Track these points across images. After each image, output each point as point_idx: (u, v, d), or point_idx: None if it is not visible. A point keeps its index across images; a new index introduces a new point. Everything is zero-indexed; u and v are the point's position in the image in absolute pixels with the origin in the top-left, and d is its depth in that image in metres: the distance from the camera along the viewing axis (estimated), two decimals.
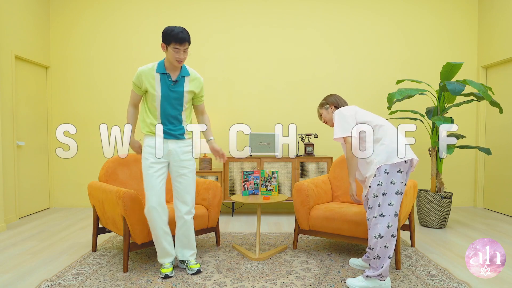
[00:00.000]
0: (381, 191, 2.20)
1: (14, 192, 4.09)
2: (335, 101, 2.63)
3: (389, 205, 2.20)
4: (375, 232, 2.22)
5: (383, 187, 2.20)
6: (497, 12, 4.54)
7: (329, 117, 2.61)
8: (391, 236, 2.21)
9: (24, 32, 4.29)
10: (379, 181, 2.21)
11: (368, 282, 2.23)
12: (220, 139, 4.82)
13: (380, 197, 2.21)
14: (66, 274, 2.51)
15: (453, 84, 3.49)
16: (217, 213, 3.05)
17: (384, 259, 2.21)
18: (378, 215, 2.21)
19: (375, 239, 2.21)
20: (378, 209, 2.21)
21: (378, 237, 2.20)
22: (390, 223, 2.20)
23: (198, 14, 4.80)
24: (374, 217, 2.23)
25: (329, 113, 2.62)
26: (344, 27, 4.83)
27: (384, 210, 2.21)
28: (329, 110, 2.62)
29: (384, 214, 2.20)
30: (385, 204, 2.20)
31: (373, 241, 2.23)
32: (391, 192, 2.20)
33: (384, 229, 2.20)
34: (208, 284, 2.34)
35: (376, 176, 2.23)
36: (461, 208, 4.87)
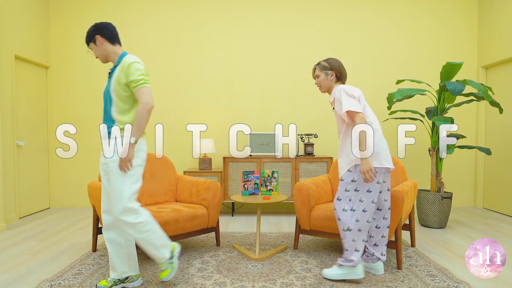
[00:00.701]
0: (354, 187, 2.30)
1: (14, 192, 4.09)
2: (339, 69, 2.42)
3: (360, 201, 2.31)
4: (344, 226, 2.33)
5: (356, 184, 2.29)
6: (497, 12, 4.54)
7: (326, 84, 2.43)
8: (357, 231, 2.31)
9: (24, 32, 4.29)
10: (353, 177, 2.30)
11: (342, 269, 2.37)
12: (220, 139, 4.83)
13: (352, 193, 2.31)
14: (66, 274, 2.51)
15: (453, 84, 3.49)
16: (217, 213, 3.05)
17: (351, 251, 2.33)
18: (349, 209, 2.32)
19: (344, 231, 2.33)
20: (349, 203, 2.32)
21: (347, 229, 2.31)
22: (359, 217, 2.31)
23: (198, 14, 4.80)
24: (344, 210, 2.32)
25: (328, 79, 2.42)
26: (344, 27, 4.83)
27: (355, 206, 2.31)
28: (329, 77, 2.42)
29: (354, 209, 2.31)
30: (356, 200, 2.31)
31: (343, 234, 2.35)
32: (363, 190, 2.29)
33: (353, 223, 2.31)
34: (208, 284, 2.34)
35: (352, 172, 2.31)
36: (461, 208, 4.87)
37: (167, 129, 4.82)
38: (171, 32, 4.80)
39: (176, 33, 4.80)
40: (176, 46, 4.81)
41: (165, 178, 3.32)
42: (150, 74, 4.81)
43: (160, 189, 3.26)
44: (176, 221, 2.75)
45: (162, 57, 4.80)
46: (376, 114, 4.85)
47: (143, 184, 3.17)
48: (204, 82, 4.82)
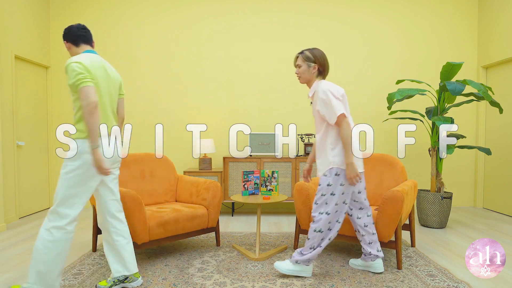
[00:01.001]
0: (330, 191, 2.31)
1: (14, 192, 4.09)
2: (323, 62, 2.32)
3: (335, 205, 2.33)
4: (317, 227, 2.35)
5: (332, 187, 2.31)
6: (497, 12, 4.54)
7: (307, 76, 2.34)
8: (328, 230, 2.38)
9: (24, 32, 4.29)
10: (329, 181, 2.31)
11: (296, 266, 2.42)
12: (220, 139, 4.83)
13: (328, 196, 2.32)
14: (66, 274, 2.51)
15: (453, 84, 3.49)
16: (217, 213, 3.05)
17: (317, 250, 2.39)
18: (324, 213, 2.34)
19: (315, 232, 2.36)
20: (325, 207, 2.33)
21: (318, 231, 2.35)
22: (331, 219, 2.37)
23: (198, 14, 4.80)
24: (320, 213, 2.34)
25: (310, 72, 2.33)
26: (344, 27, 4.83)
27: (330, 209, 2.33)
28: (311, 69, 2.32)
29: (329, 213, 2.34)
30: (331, 203, 2.33)
31: (312, 234, 2.37)
32: (339, 193, 2.31)
33: (325, 225, 2.35)
34: (208, 284, 2.34)
35: (327, 176, 2.32)
36: (461, 208, 4.87)
37: (167, 129, 4.82)
38: (171, 32, 4.80)
39: (176, 33, 4.80)
40: (176, 46, 4.81)
41: (165, 178, 3.32)
42: (150, 73, 4.81)
43: (160, 189, 3.26)
44: (176, 221, 2.75)
45: (162, 57, 4.80)
46: (376, 114, 4.85)
47: (143, 184, 3.17)
48: (204, 82, 4.82)
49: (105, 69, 2.13)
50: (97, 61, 2.09)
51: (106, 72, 2.13)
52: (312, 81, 2.38)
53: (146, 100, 4.81)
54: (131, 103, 4.81)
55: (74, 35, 2.16)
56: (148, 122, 4.82)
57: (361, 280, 2.42)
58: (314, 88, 2.35)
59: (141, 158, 3.27)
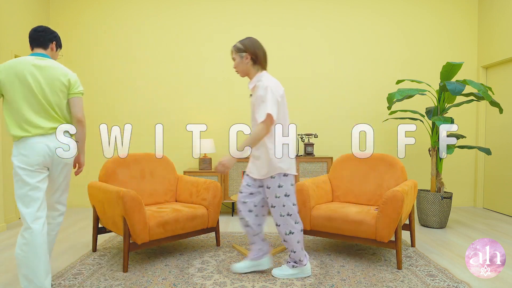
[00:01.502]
0: (283, 192, 2.32)
1: (14, 192, 4.09)
2: (253, 50, 2.22)
3: (293, 205, 2.36)
4: (286, 230, 2.37)
5: (284, 188, 2.32)
6: (497, 12, 4.54)
7: (242, 67, 2.26)
8: (300, 231, 2.39)
9: (24, 32, 4.29)
10: (279, 183, 2.31)
11: (294, 270, 2.44)
12: (220, 139, 4.82)
13: (284, 198, 2.33)
14: (66, 274, 2.51)
15: (453, 84, 3.49)
16: (217, 213, 3.05)
17: (300, 252, 2.40)
18: (286, 215, 2.35)
19: (286, 235, 2.38)
20: (283, 209, 2.34)
21: (289, 233, 2.36)
22: (297, 219, 2.38)
23: (198, 14, 4.80)
24: (281, 216, 2.35)
25: (243, 63, 2.24)
26: (344, 27, 4.83)
27: (290, 210, 2.35)
28: (243, 60, 2.24)
29: (291, 213, 2.35)
30: (289, 204, 2.34)
31: (285, 237, 2.39)
32: (292, 193, 2.35)
33: (293, 226, 2.37)
34: (208, 284, 2.34)
35: (275, 178, 2.31)
36: (461, 208, 4.87)
37: (167, 129, 4.82)
38: (171, 32, 4.80)
39: (176, 33, 4.80)
40: (176, 46, 4.81)
41: (165, 178, 3.32)
42: (150, 73, 4.81)
43: (160, 189, 3.26)
44: (176, 221, 2.75)
45: (162, 57, 4.81)
46: (376, 114, 4.85)
47: (143, 184, 3.18)
48: (204, 82, 4.82)
49: (31, 73, 2.09)
50: (21, 65, 2.08)
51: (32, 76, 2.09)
52: (251, 73, 2.29)
53: (146, 100, 4.81)
54: (131, 103, 4.81)
55: (30, 39, 2.23)
56: (148, 122, 4.82)
57: (361, 280, 2.42)
58: (255, 82, 2.26)
59: (141, 158, 3.27)
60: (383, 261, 2.79)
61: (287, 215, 2.35)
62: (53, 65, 2.18)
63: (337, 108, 4.85)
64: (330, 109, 4.84)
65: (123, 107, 4.81)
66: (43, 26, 2.25)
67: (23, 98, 2.09)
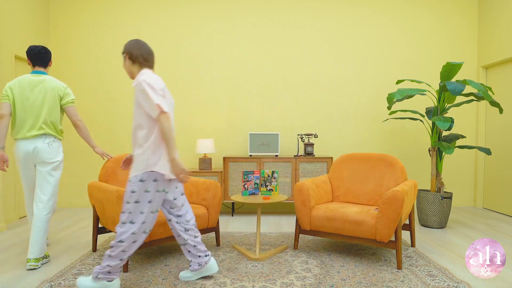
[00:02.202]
0: (134, 198, 2.11)
1: (14, 192, 4.09)
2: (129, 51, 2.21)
3: (140, 213, 2.13)
4: (118, 237, 2.12)
5: (136, 195, 2.11)
6: (497, 12, 4.54)
7: (126, 69, 2.25)
8: (132, 242, 2.14)
9: (24, 32, 4.29)
10: (133, 188, 2.11)
11: (98, 283, 2.13)
12: (220, 139, 4.83)
13: (133, 205, 2.11)
14: (66, 274, 2.51)
15: (453, 84, 3.49)
16: (217, 213, 3.05)
17: (116, 260, 2.13)
18: (128, 222, 2.12)
19: (115, 242, 2.13)
20: (128, 216, 2.12)
21: (119, 241, 2.11)
22: (136, 231, 2.13)
23: (198, 14, 4.80)
24: (123, 223, 2.13)
25: (125, 64, 2.24)
26: (344, 27, 4.83)
27: (135, 218, 2.12)
28: (125, 61, 2.24)
29: (134, 222, 2.12)
30: (136, 212, 2.12)
31: (113, 243, 2.14)
32: (144, 201, 2.12)
33: (128, 236, 2.12)
34: (208, 284, 2.34)
35: (131, 182, 2.12)
36: (461, 208, 4.87)
37: None
38: (171, 32, 4.80)
39: (176, 33, 4.80)
40: (176, 46, 4.81)
41: None
42: None
43: None
44: None
45: (162, 57, 4.80)
46: (376, 114, 4.85)
47: None
48: (204, 82, 4.82)
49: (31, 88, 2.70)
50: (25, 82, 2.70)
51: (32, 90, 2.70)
52: (134, 72, 2.25)
53: None
54: (131, 103, 4.81)
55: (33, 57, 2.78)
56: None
57: (361, 280, 2.42)
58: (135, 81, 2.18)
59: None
60: (383, 261, 2.79)
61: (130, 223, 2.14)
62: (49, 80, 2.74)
63: (337, 108, 4.85)
64: (330, 109, 4.84)
65: (123, 107, 4.81)
66: (43, 47, 2.79)
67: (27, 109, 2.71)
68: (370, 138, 4.87)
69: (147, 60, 2.23)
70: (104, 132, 4.82)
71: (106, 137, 4.82)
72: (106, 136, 4.82)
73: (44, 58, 2.78)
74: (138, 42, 2.23)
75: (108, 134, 4.82)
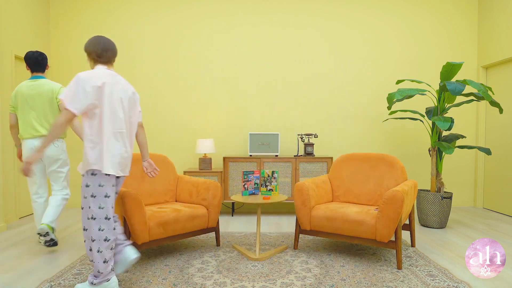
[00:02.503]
0: (90, 192, 2.09)
1: (14, 192, 4.09)
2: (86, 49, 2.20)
3: (99, 208, 2.10)
4: (89, 235, 2.11)
5: (91, 189, 2.09)
6: (497, 12, 4.54)
7: (90, 66, 2.28)
8: (104, 240, 2.10)
9: (24, 32, 4.29)
10: (87, 182, 2.09)
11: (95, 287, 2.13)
12: (220, 139, 4.82)
13: (90, 199, 2.10)
14: (66, 274, 2.51)
15: (453, 84, 3.49)
16: (217, 213, 3.05)
17: (99, 264, 2.10)
18: (90, 218, 2.10)
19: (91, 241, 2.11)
20: (89, 211, 2.10)
21: (91, 240, 2.10)
22: (102, 226, 2.10)
23: (198, 14, 4.80)
24: (88, 219, 2.11)
25: (92, 66, 2.23)
26: (344, 27, 4.83)
27: (95, 213, 2.10)
28: (90, 64, 2.24)
29: (95, 217, 2.10)
30: (95, 207, 2.09)
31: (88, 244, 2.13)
32: (100, 195, 2.10)
33: (96, 233, 2.09)
34: (208, 284, 2.34)
35: (85, 176, 2.10)
36: (461, 208, 4.87)
37: (167, 129, 4.82)
38: (171, 32, 4.80)
39: (177, 33, 4.80)
40: (176, 46, 4.81)
41: (165, 178, 3.32)
42: (150, 74, 4.82)
43: (160, 189, 3.26)
44: (176, 221, 2.75)
45: (162, 57, 4.80)
46: (376, 114, 4.85)
47: (143, 184, 3.18)
48: (204, 82, 4.82)
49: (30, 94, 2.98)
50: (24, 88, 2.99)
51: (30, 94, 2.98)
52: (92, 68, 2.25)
53: (146, 100, 4.81)
54: None
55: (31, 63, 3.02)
56: (148, 122, 4.82)
57: (361, 280, 2.42)
58: None
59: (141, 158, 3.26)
60: (383, 261, 2.79)
61: (92, 219, 2.11)
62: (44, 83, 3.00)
63: (337, 108, 4.85)
64: (330, 109, 4.84)
65: None
66: (40, 52, 3.02)
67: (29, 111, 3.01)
68: (370, 138, 4.87)
69: (101, 56, 2.19)
70: None
71: None
72: None
73: (41, 64, 3.05)
74: (94, 39, 2.20)
75: None
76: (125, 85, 2.25)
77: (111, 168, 2.11)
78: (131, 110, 2.27)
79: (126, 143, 2.21)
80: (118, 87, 2.18)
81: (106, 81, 2.10)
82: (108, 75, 2.13)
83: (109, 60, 2.23)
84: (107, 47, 2.20)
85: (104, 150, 2.08)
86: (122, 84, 2.21)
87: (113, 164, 2.13)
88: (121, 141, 2.17)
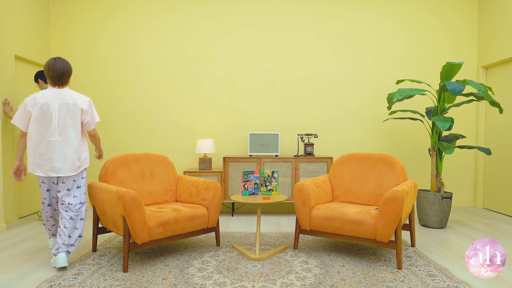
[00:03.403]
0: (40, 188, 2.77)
1: (14, 192, 4.09)
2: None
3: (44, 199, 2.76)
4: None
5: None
6: (497, 12, 4.54)
7: None
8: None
9: (24, 32, 4.29)
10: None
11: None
12: (220, 139, 4.83)
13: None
14: (66, 274, 2.51)
15: (453, 84, 3.49)
16: (217, 213, 3.05)
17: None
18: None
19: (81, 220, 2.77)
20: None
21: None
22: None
23: (199, 16, 4.80)
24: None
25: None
26: (344, 28, 4.83)
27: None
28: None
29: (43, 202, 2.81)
30: None
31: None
32: (42, 190, 2.73)
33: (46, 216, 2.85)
34: (208, 284, 2.34)
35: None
36: (461, 208, 4.87)
37: (167, 129, 4.82)
38: (172, 33, 4.80)
39: (177, 34, 4.80)
40: (177, 47, 4.81)
41: (165, 178, 3.32)
42: (150, 74, 4.82)
43: (160, 189, 3.26)
44: (176, 221, 2.75)
45: (162, 57, 4.81)
46: (376, 114, 4.85)
47: (143, 184, 3.18)
48: (205, 83, 4.82)
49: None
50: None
51: None
52: None
53: (146, 100, 4.81)
54: (131, 103, 4.81)
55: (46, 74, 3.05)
56: (148, 122, 4.82)
57: (361, 280, 2.42)
58: None
59: (141, 158, 3.27)
60: (383, 261, 2.79)
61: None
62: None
63: (337, 108, 4.85)
64: (330, 109, 4.84)
65: (123, 107, 4.81)
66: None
67: None
68: (370, 138, 4.87)
69: (48, 77, 2.63)
70: (104, 132, 4.82)
71: (106, 136, 4.82)
72: (106, 135, 4.82)
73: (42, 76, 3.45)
74: (47, 63, 2.61)
75: (108, 133, 4.82)
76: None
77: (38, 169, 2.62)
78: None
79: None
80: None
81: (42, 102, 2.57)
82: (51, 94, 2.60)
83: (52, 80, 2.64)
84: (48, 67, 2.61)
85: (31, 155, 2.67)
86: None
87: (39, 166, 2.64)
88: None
